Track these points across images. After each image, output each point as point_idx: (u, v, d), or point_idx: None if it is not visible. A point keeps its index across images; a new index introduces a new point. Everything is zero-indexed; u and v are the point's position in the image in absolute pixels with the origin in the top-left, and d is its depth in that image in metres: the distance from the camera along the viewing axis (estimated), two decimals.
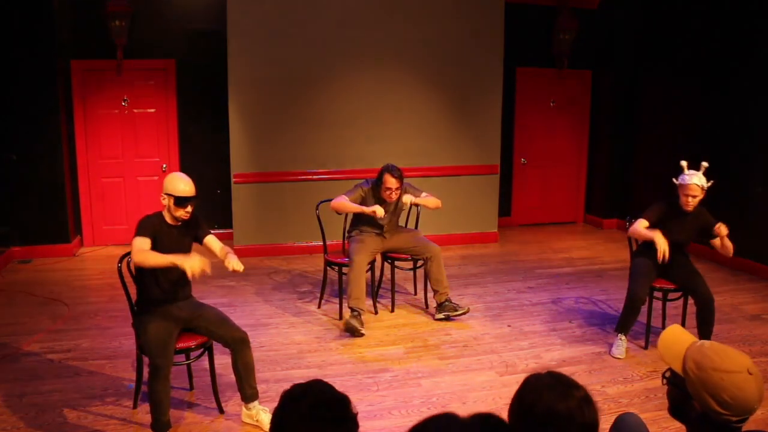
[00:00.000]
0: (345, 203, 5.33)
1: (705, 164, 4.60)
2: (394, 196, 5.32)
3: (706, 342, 1.90)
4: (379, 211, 5.21)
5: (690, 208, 4.60)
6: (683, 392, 1.85)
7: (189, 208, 3.73)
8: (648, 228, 4.68)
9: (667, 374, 1.94)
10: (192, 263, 3.44)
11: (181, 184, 3.70)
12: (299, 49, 7.30)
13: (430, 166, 7.83)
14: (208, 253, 3.85)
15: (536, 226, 9.28)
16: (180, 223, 3.78)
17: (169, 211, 3.74)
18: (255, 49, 7.21)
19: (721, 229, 4.53)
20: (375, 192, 5.41)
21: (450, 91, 7.84)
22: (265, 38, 7.21)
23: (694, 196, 4.55)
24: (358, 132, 7.58)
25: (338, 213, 5.51)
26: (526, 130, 9.11)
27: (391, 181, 5.25)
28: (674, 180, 4.67)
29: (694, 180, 4.51)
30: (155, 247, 3.61)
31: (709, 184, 4.58)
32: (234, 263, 3.70)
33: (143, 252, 3.53)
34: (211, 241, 3.90)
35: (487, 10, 7.78)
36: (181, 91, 7.82)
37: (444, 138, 7.91)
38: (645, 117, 8.55)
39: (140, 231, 3.64)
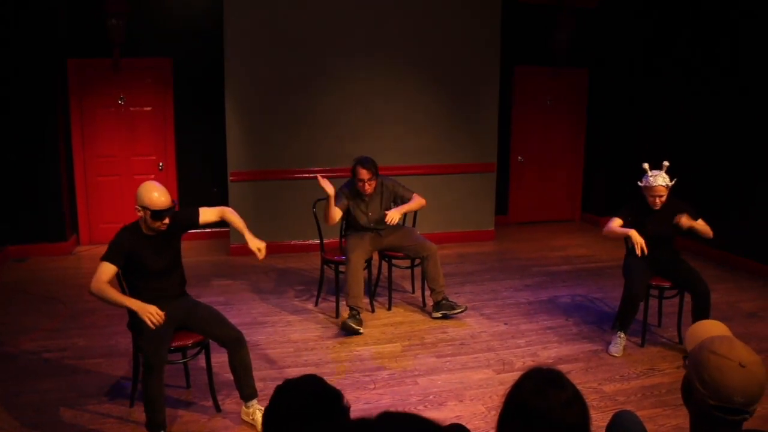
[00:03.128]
0: (329, 212, 5.31)
1: (666, 163, 4.72)
2: (368, 188, 5.31)
3: (728, 336, 1.93)
4: (325, 185, 5.09)
5: (659, 207, 4.71)
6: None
7: (167, 220, 3.60)
8: (622, 226, 4.78)
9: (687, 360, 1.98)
10: (150, 314, 3.40)
11: (156, 194, 3.52)
12: (296, 48, 7.29)
13: (427, 164, 7.82)
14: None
15: (533, 224, 9.28)
16: (157, 233, 3.68)
17: (145, 223, 3.61)
18: (252, 47, 7.19)
19: (681, 220, 4.60)
20: (352, 190, 5.41)
21: (447, 89, 7.83)
22: (262, 37, 7.20)
23: (660, 197, 4.68)
24: (355, 130, 7.57)
25: (333, 222, 5.46)
26: (524, 129, 9.11)
27: (362, 173, 5.28)
28: (639, 183, 4.78)
29: (659, 182, 4.65)
30: (129, 266, 3.58)
31: (673, 182, 4.68)
32: (260, 246, 3.85)
33: (102, 285, 3.45)
34: (205, 215, 3.88)
35: (485, 8, 7.76)
36: (178, 89, 7.80)
37: (441, 136, 7.90)
38: (642, 115, 8.56)
39: (109, 254, 3.53)
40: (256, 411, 3.75)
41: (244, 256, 7.31)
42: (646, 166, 4.77)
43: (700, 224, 4.66)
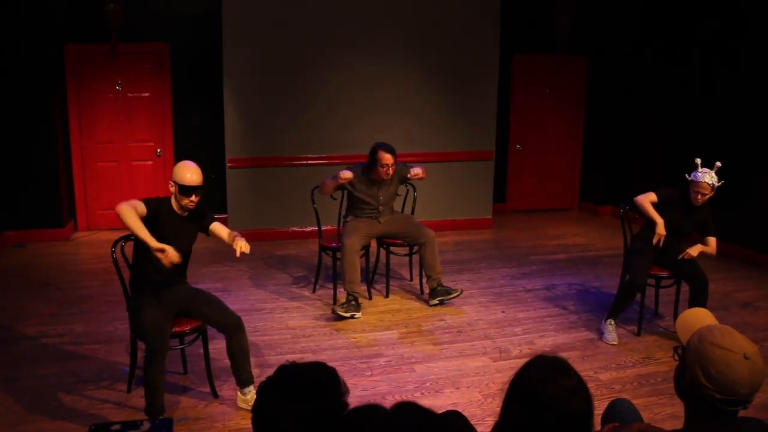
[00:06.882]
0: (326, 184, 5.39)
1: (719, 164, 4.67)
2: (391, 172, 5.33)
3: (722, 325, 1.91)
4: (344, 174, 5.22)
5: (698, 204, 4.70)
6: (683, 365, 1.86)
7: (194, 198, 3.70)
8: (655, 204, 4.78)
9: (680, 351, 1.95)
10: (168, 253, 3.45)
11: (188, 173, 3.67)
12: (294, 34, 7.26)
13: (426, 152, 7.80)
14: (217, 240, 3.89)
15: (531, 213, 9.28)
16: (185, 213, 3.76)
17: (175, 198, 3.73)
18: (250, 33, 7.16)
19: (687, 255, 4.70)
20: (366, 174, 5.40)
21: (446, 77, 7.81)
22: (261, 22, 7.16)
23: (704, 194, 4.64)
24: (353, 117, 7.55)
25: (325, 193, 5.51)
26: (522, 117, 9.09)
27: (386, 157, 5.26)
28: (687, 176, 4.73)
29: (706, 179, 4.60)
30: (153, 225, 3.58)
31: (720, 183, 4.65)
32: (241, 245, 3.69)
33: (130, 210, 3.47)
34: (218, 228, 3.88)
35: None
36: (176, 75, 7.77)
37: (440, 124, 7.89)
38: (641, 104, 8.54)
39: (145, 200, 3.63)
40: (254, 396, 3.75)
41: None
42: (698, 161, 4.72)
43: (708, 249, 4.75)
